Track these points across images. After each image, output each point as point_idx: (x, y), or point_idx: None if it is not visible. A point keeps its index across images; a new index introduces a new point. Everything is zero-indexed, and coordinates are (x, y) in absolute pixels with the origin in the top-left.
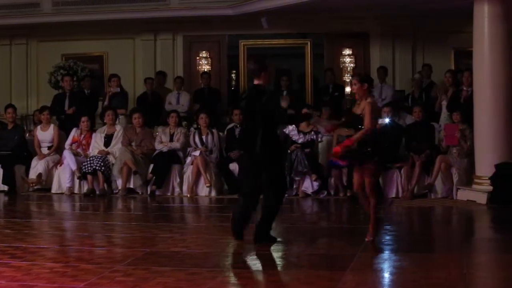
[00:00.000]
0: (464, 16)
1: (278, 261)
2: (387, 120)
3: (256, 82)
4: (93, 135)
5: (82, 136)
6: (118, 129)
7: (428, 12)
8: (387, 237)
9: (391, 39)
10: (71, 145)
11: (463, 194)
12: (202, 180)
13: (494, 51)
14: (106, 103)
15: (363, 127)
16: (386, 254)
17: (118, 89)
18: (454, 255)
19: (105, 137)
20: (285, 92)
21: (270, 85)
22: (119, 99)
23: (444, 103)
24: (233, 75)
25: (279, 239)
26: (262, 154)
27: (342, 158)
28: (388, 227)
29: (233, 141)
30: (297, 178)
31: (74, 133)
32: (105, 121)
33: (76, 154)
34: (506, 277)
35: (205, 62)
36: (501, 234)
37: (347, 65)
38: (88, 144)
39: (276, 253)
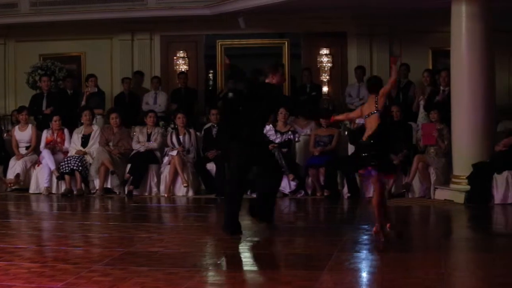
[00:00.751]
0: (442, 15)
1: (255, 261)
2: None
3: (266, 80)
4: (72, 134)
5: (55, 134)
6: (96, 129)
7: (406, 12)
8: (364, 237)
9: (368, 38)
10: (46, 145)
11: (440, 194)
12: (179, 180)
13: (472, 50)
14: (83, 103)
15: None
16: (364, 253)
17: (96, 89)
18: (432, 255)
19: (82, 137)
20: None
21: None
22: (97, 99)
23: (422, 102)
24: (210, 75)
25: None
26: (260, 142)
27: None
28: (365, 226)
29: (210, 141)
30: None
31: (45, 134)
32: (82, 121)
33: (54, 152)
34: (483, 276)
35: (183, 62)
36: (479, 234)
37: (324, 64)
38: (63, 141)
39: (253, 252)
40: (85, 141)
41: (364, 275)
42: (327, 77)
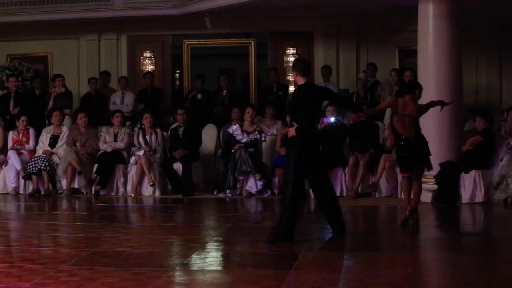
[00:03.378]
0: (408, 15)
1: (222, 261)
2: (332, 119)
3: (306, 79)
4: (41, 133)
5: (20, 135)
6: (65, 130)
7: (372, 11)
8: (331, 236)
9: (335, 38)
10: (12, 146)
11: None
12: (146, 180)
13: (439, 50)
14: (51, 103)
15: None
16: (331, 253)
17: (63, 89)
18: (399, 254)
19: (51, 138)
20: (225, 92)
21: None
22: (64, 99)
23: None
24: (176, 75)
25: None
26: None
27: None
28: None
29: (177, 141)
30: (241, 178)
31: (11, 135)
32: (52, 121)
33: (20, 153)
34: (451, 275)
35: (149, 62)
36: (446, 233)
37: (291, 64)
38: (28, 140)
39: (220, 252)
40: (53, 141)
41: (331, 274)
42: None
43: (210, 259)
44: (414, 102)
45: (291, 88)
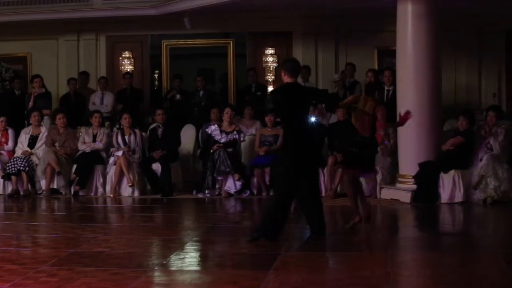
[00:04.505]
0: (387, 15)
1: (202, 261)
2: (313, 119)
3: (292, 80)
4: (20, 134)
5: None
6: (44, 130)
7: (351, 11)
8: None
9: (314, 38)
10: None
11: (386, 193)
12: (125, 180)
13: (418, 50)
14: (31, 104)
15: None
16: (310, 253)
17: (43, 90)
18: (378, 254)
19: (30, 138)
20: (201, 92)
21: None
22: (44, 99)
23: None
24: (155, 75)
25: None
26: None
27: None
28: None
29: (155, 141)
30: (219, 178)
31: None
32: (30, 121)
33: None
34: (430, 275)
35: (128, 62)
36: (425, 233)
37: (269, 64)
38: (7, 140)
39: (199, 252)
40: (32, 142)
41: (311, 274)
42: (272, 77)
43: (189, 259)
44: (375, 102)
45: (270, 88)
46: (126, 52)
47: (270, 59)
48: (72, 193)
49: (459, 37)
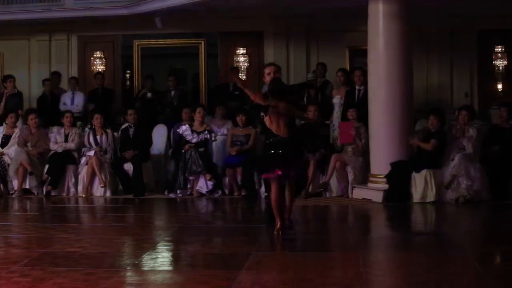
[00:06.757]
0: (359, 15)
1: (174, 261)
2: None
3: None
4: None
5: None
6: (17, 130)
7: (323, 11)
8: (282, 236)
9: (285, 37)
10: None
11: (358, 193)
12: (97, 180)
13: (389, 50)
14: (2, 104)
15: None
16: (282, 253)
17: (16, 90)
18: (350, 254)
19: (3, 138)
20: (173, 92)
21: None
22: (16, 100)
23: (335, 101)
24: (127, 75)
25: None
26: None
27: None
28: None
29: (127, 141)
30: (191, 178)
31: None
32: (6, 122)
33: None
34: (402, 275)
35: (100, 62)
36: (397, 232)
37: (241, 64)
38: None
39: (171, 252)
40: (5, 141)
41: (282, 274)
42: (244, 77)
43: (161, 259)
44: (286, 102)
45: None
46: (98, 52)
47: (241, 59)
48: (44, 193)
49: (431, 36)
